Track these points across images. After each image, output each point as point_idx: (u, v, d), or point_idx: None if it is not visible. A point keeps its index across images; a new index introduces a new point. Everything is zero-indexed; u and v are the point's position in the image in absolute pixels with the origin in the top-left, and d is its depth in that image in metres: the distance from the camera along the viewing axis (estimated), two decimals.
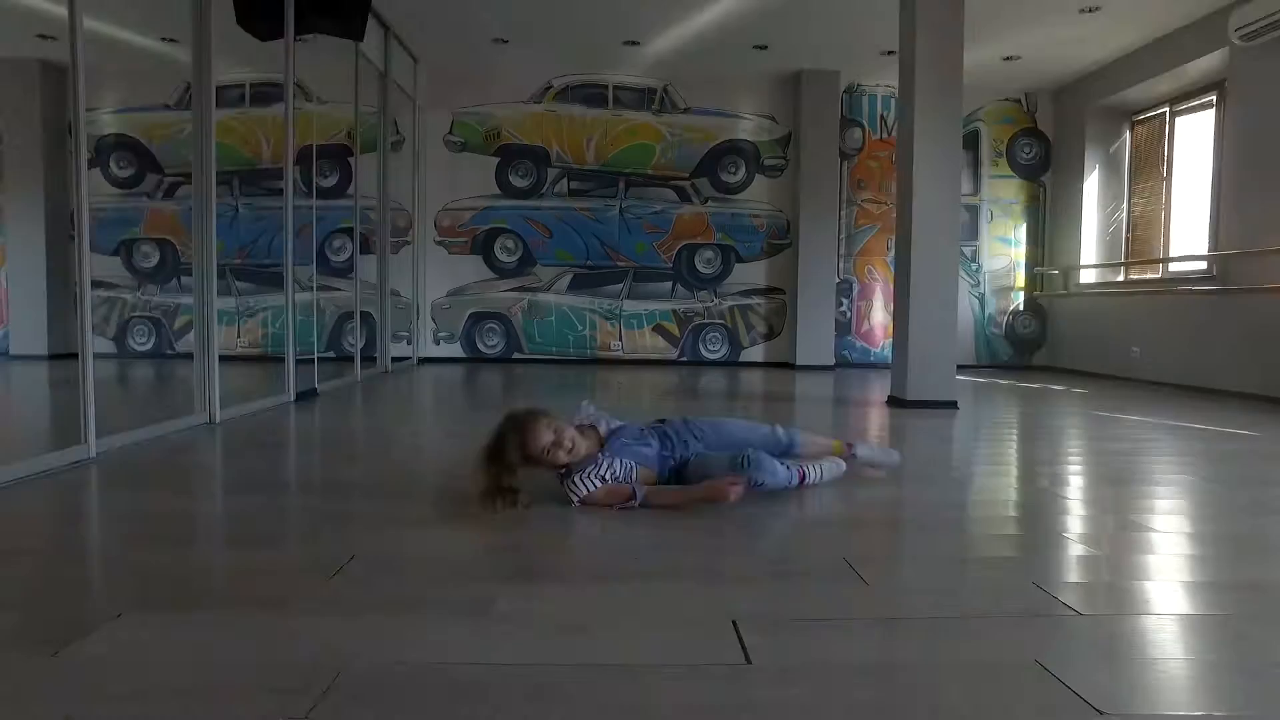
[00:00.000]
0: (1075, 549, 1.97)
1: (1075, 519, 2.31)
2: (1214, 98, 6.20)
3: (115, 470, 2.71)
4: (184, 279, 7.85)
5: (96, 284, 7.82)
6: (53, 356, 7.21)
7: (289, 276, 4.70)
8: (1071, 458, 3.34)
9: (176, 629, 1.41)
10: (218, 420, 3.78)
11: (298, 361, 4.86)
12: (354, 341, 6.22)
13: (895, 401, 4.89)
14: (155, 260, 7.99)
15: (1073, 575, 1.79)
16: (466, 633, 1.42)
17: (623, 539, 1.99)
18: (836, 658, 1.31)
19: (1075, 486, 2.76)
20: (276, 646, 1.34)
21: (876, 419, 4.39)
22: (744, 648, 1.33)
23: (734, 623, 1.44)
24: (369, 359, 6.63)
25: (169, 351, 7.82)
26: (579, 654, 1.33)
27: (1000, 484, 2.83)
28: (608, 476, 2.23)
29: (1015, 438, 3.91)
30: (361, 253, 6.75)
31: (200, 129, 3.76)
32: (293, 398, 4.68)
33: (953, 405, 4.74)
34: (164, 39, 7.08)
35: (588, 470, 2.22)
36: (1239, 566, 1.85)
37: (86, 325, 2.99)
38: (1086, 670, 1.27)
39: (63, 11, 3.17)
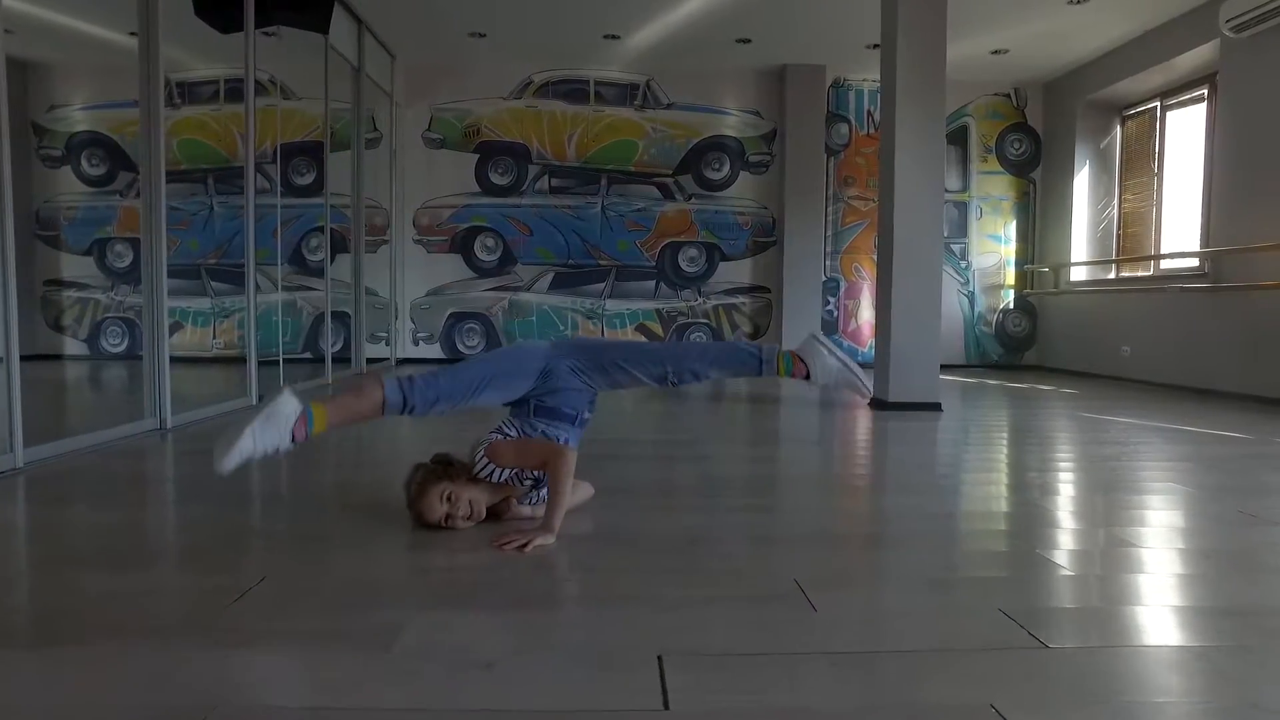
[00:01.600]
0: (1052, 569, 1.83)
1: (1056, 533, 2.17)
2: (1205, 91, 6.07)
3: (40, 482, 2.56)
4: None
5: (68, 284, 7.71)
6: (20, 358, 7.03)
7: (250, 275, 4.55)
8: (1056, 464, 3.20)
9: (35, 667, 1.27)
10: (169, 426, 3.64)
11: (263, 363, 4.72)
12: (330, 343, 6.07)
13: (877, 404, 4.75)
14: (129, 260, 7.80)
15: (1046, 600, 1.65)
16: (363, 670, 1.27)
17: (556, 558, 1.85)
18: (765, 701, 1.17)
19: (1059, 496, 2.62)
20: (142, 686, 1.20)
21: (857, 422, 4.25)
22: (665, 690, 1.19)
23: (659, 658, 1.29)
24: (343, 360, 6.48)
25: (142, 353, 7.63)
26: (479, 696, 1.18)
27: (979, 493, 2.69)
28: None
29: (999, 442, 3.77)
30: (341, 252, 6.61)
31: (148, 123, 3.61)
32: (255, 401, 4.53)
33: (936, 407, 4.60)
34: (133, 34, 6.92)
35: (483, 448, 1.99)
36: (1224, 589, 1.71)
37: (12, 325, 2.84)
38: (1047, 715, 1.13)
39: (20, 4, 3.01)
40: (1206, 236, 5.88)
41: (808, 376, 2.16)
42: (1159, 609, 1.58)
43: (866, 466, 3.13)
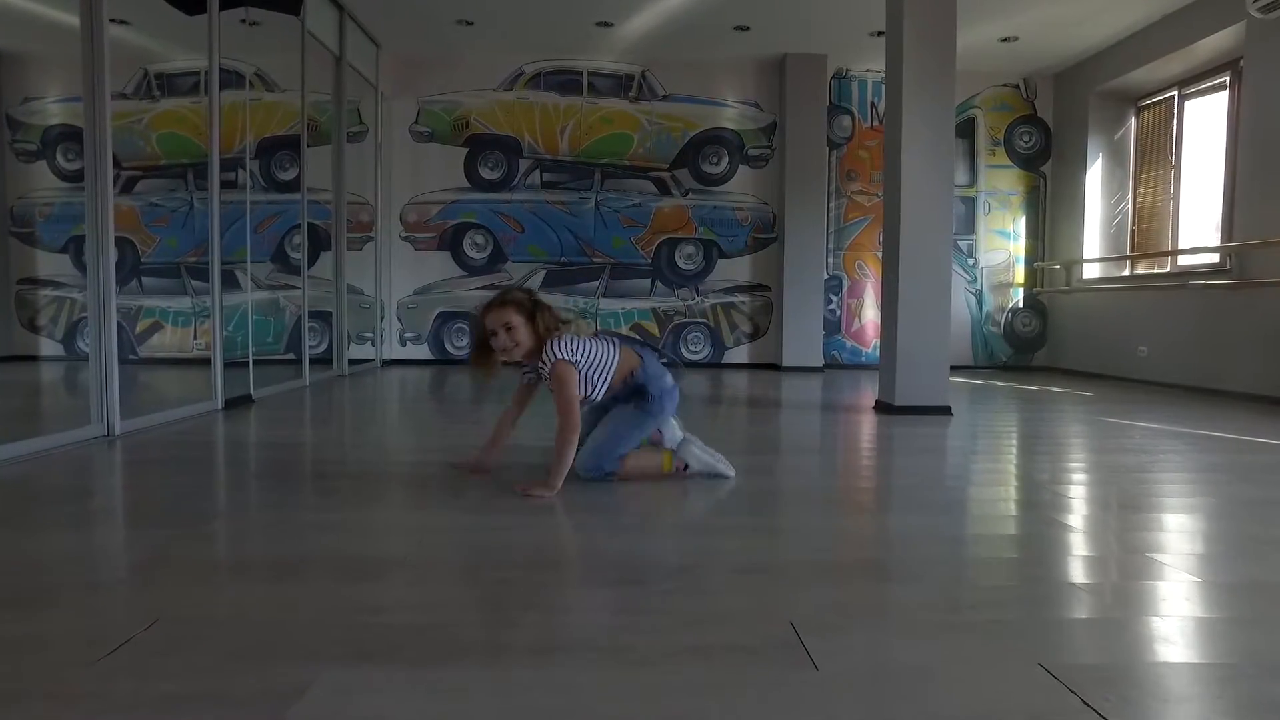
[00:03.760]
0: (1092, 608, 1.55)
1: (1089, 561, 1.89)
2: (1227, 78, 5.78)
3: None
4: (145, 279, 7.45)
5: (44, 283, 7.45)
6: None
7: (215, 273, 4.30)
8: (1079, 476, 2.92)
9: None
10: (117, 433, 3.36)
11: (229, 364, 4.46)
12: (307, 343, 5.80)
13: (883, 407, 4.48)
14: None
15: (1093, 651, 1.36)
16: None
17: (510, 594, 1.57)
18: None
19: (1086, 515, 2.34)
20: None
21: (862, 428, 3.97)
22: None
23: None
24: (323, 361, 6.21)
25: (132, 357, 7.38)
26: None
27: (996, 512, 2.41)
28: (579, 355, 2.43)
29: (1014, 450, 3.49)
30: (325, 250, 6.35)
31: (94, 107, 3.34)
32: (220, 405, 4.26)
33: (946, 411, 4.32)
34: (113, 20, 6.66)
35: (565, 340, 2.41)
36: None
37: None
38: None
39: None
40: (1229, 231, 5.59)
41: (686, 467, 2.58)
42: (1235, 667, 1.30)
43: (871, 479, 2.85)
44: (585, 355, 2.43)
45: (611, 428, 2.50)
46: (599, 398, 2.51)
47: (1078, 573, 1.78)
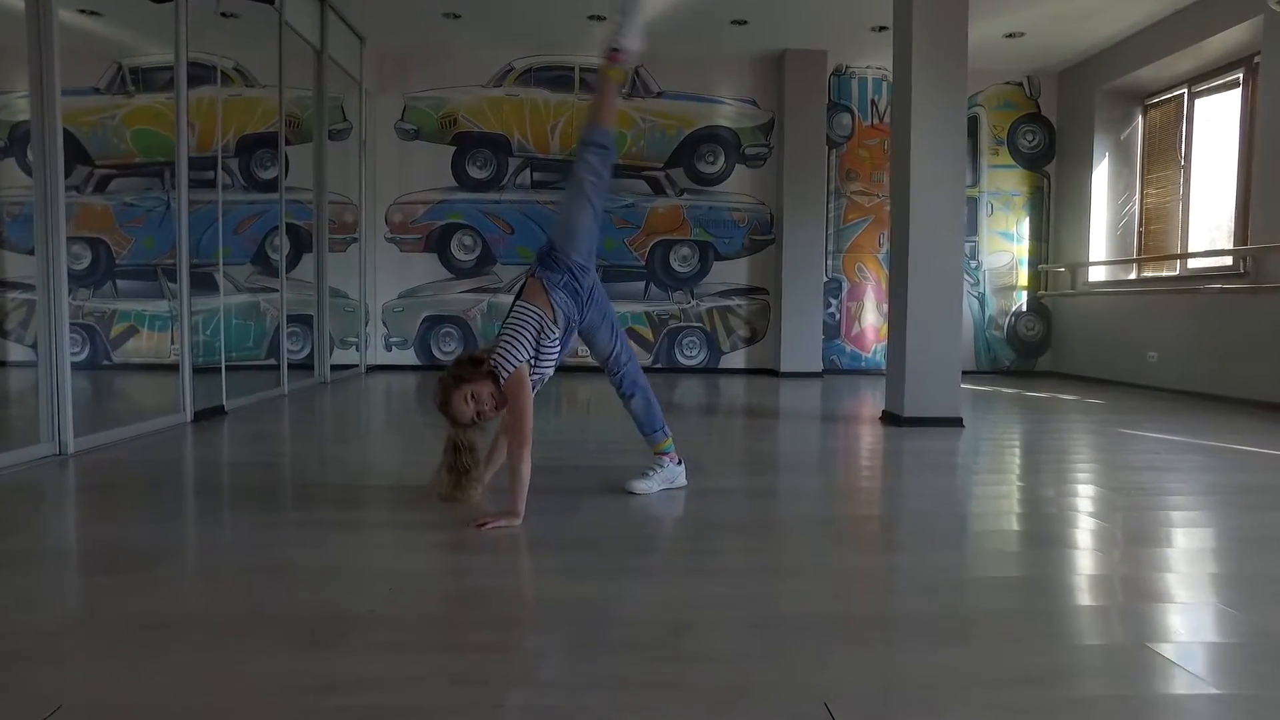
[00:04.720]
0: (1182, 681, 1.33)
1: (1161, 613, 1.67)
2: (1239, 76, 5.60)
3: None
4: (120, 282, 7.18)
5: (12, 285, 7.16)
6: None
7: (183, 273, 4.06)
8: (1104, 499, 2.70)
9: None
10: (70, 451, 3.11)
11: (204, 371, 4.22)
12: (286, 349, 5.54)
13: (890, 419, 4.26)
14: (86, 261, 7.25)
15: None
16: None
17: (493, 667, 1.34)
18: None
19: (1118, 552, 2.12)
20: None
21: (869, 443, 3.75)
22: None
23: None
24: (305, 367, 5.95)
25: (105, 363, 7.09)
26: None
27: (1031, 547, 2.19)
28: (523, 341, 2.28)
29: (1036, 468, 3.27)
30: (307, 251, 6.11)
31: (43, 99, 3.08)
32: (189, 418, 4.01)
33: (957, 423, 4.11)
34: (83, 11, 6.39)
35: (501, 354, 2.26)
36: None
37: None
38: None
39: None
40: (1242, 233, 5.41)
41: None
42: None
43: (886, 505, 2.63)
44: (527, 334, 2.29)
45: (575, 210, 2.44)
46: (578, 318, 2.42)
47: (1151, 630, 1.55)
